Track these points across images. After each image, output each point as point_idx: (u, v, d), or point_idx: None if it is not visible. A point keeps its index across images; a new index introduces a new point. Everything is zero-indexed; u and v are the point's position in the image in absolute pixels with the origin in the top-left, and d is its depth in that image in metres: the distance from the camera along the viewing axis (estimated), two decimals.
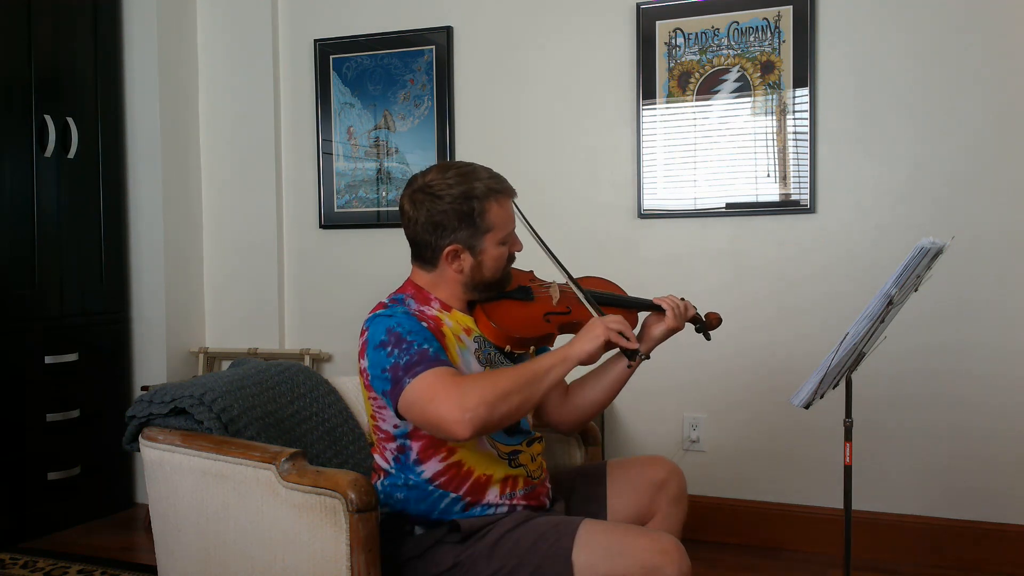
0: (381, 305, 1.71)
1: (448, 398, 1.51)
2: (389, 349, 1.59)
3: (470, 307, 1.77)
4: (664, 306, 1.86)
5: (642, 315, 1.92)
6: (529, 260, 1.94)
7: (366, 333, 1.65)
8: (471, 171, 1.71)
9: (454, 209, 1.67)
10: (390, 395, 1.59)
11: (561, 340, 1.81)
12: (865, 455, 2.74)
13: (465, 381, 1.55)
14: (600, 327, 1.63)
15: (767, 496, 2.96)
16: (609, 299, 1.89)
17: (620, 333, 1.64)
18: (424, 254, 1.73)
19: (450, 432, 1.52)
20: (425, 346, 1.59)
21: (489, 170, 1.73)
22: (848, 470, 1.93)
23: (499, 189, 1.71)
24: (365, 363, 1.65)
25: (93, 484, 3.35)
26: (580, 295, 1.78)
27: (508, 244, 1.73)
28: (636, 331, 1.92)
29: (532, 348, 1.79)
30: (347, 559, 1.54)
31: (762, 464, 2.96)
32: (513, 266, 1.83)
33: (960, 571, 2.71)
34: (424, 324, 1.64)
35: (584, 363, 1.64)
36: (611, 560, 1.53)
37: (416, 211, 1.70)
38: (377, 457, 1.75)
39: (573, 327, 1.80)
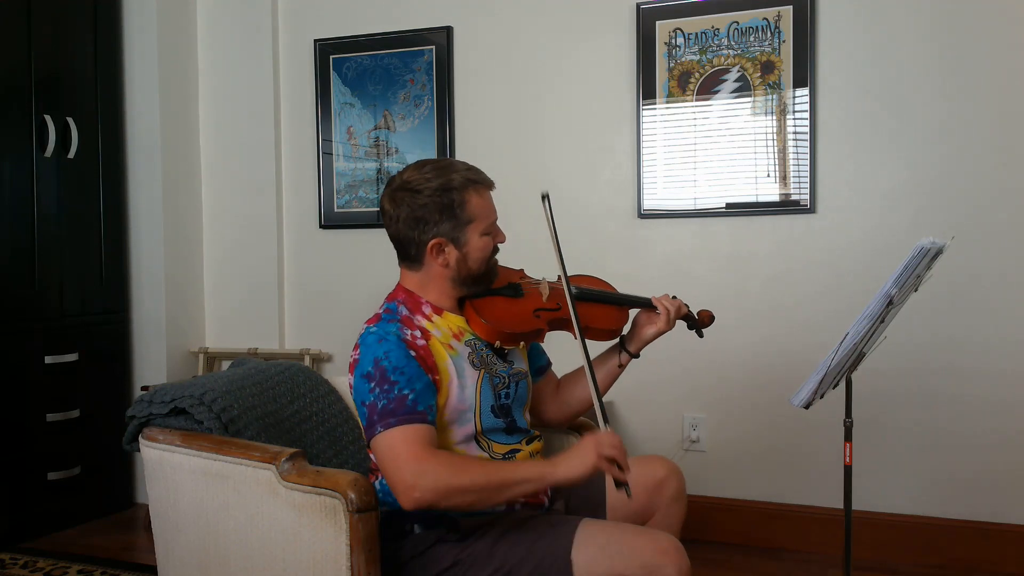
0: (376, 317, 1.71)
1: (406, 468, 1.51)
2: (372, 385, 1.59)
3: (460, 305, 1.77)
4: (655, 305, 1.85)
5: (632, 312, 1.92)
6: (525, 258, 1.94)
7: (357, 351, 1.65)
8: (448, 164, 1.73)
9: (434, 202, 1.68)
10: (363, 431, 1.62)
11: (552, 337, 1.81)
12: (865, 455, 2.74)
13: (429, 458, 1.52)
14: (592, 453, 1.52)
15: (767, 496, 2.96)
16: (599, 296, 1.89)
17: (614, 462, 1.51)
18: (409, 252, 1.74)
19: (396, 497, 1.53)
20: (406, 391, 1.57)
21: (466, 163, 1.75)
22: (848, 470, 1.93)
23: (477, 180, 1.72)
24: (352, 381, 1.65)
25: (93, 484, 3.35)
26: (570, 306, 1.73)
27: (491, 235, 1.74)
28: (626, 329, 1.92)
29: (522, 344, 1.78)
30: (347, 559, 1.54)
31: (762, 464, 2.96)
32: (503, 264, 1.83)
33: (960, 571, 2.71)
34: (413, 353, 1.61)
35: (566, 486, 1.56)
36: (610, 560, 1.52)
37: (397, 209, 1.71)
38: (374, 456, 1.75)
39: (563, 323, 1.80)
